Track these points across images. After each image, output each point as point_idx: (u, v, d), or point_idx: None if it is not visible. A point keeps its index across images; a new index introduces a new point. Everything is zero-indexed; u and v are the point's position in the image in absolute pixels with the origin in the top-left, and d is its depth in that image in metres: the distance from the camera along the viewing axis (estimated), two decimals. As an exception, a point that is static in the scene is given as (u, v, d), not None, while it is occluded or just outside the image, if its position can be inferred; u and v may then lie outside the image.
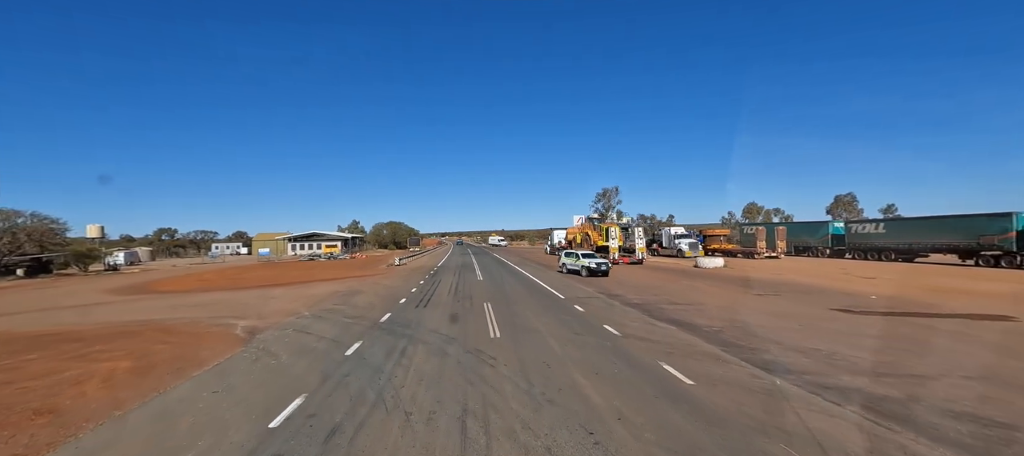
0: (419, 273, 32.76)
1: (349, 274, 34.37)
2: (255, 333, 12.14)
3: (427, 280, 26.88)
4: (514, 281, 25.74)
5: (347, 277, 31.39)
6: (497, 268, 36.55)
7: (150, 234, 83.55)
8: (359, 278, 30.05)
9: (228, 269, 46.11)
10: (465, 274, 30.83)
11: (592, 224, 45.61)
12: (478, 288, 22.13)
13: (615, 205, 61.08)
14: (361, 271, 37.73)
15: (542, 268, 35.39)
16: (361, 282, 26.68)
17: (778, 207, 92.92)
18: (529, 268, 35.74)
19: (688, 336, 10.95)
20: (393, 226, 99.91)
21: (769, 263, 37.09)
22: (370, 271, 37.44)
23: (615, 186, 61.72)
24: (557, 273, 30.51)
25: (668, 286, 22.23)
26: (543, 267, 36.34)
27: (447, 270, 35.04)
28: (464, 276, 29.35)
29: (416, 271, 35.17)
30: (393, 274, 32.81)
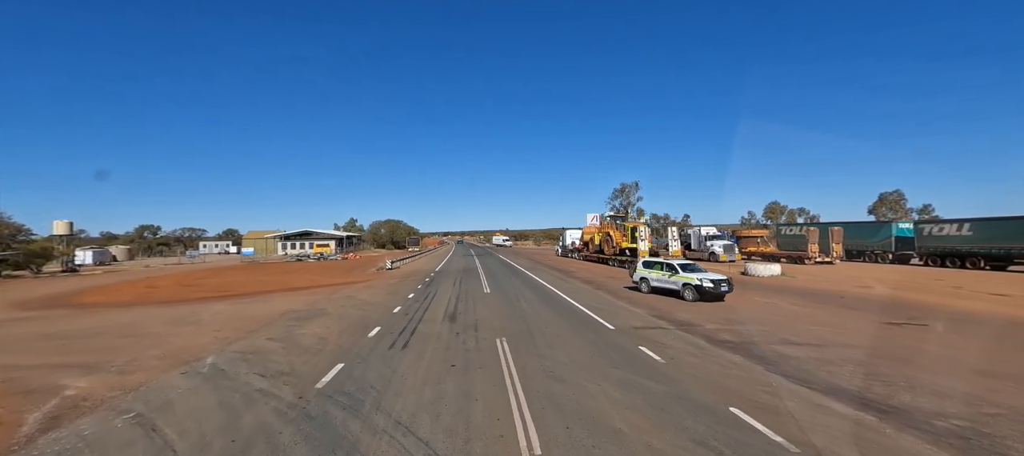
0: (412, 280, 26.92)
1: (329, 280, 28.58)
2: (46, 431, 6.25)
3: (418, 292, 21.03)
4: (533, 296, 19.72)
5: (323, 285, 25.59)
6: (506, 274, 30.63)
7: (131, 231, 78.11)
8: (336, 287, 24.25)
9: (197, 272, 40.40)
10: (467, 283, 24.93)
11: (614, 223, 39.67)
12: (486, 308, 16.19)
13: (635, 202, 55.25)
14: (345, 276, 31.94)
15: (561, 276, 29.47)
16: (335, 293, 20.88)
17: (803, 206, 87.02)
18: (546, 275, 29.80)
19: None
20: (391, 224, 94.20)
21: (831, 270, 31.02)
22: (355, 276, 31.64)
23: (635, 181, 55.96)
24: (581, 285, 24.57)
25: (743, 307, 16.24)
26: (561, 274, 30.45)
27: (446, 276, 29.21)
28: (466, 286, 23.45)
29: (409, 277, 29.34)
30: (380, 281, 26.97)
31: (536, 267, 36.69)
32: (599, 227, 43.68)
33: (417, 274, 31.57)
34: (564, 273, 30.45)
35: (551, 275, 29.31)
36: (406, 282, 25.96)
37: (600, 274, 29.63)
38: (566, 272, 31.18)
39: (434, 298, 18.55)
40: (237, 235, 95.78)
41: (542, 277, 27.96)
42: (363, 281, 27.74)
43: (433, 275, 30.25)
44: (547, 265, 38.97)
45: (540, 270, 33.47)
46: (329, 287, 24.57)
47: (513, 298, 18.63)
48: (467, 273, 31.42)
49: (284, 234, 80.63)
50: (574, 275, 28.76)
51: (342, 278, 30.48)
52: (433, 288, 22.55)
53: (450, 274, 31.02)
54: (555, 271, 32.18)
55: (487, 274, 30.44)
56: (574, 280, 25.84)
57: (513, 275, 29.73)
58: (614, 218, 40.81)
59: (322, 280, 29.05)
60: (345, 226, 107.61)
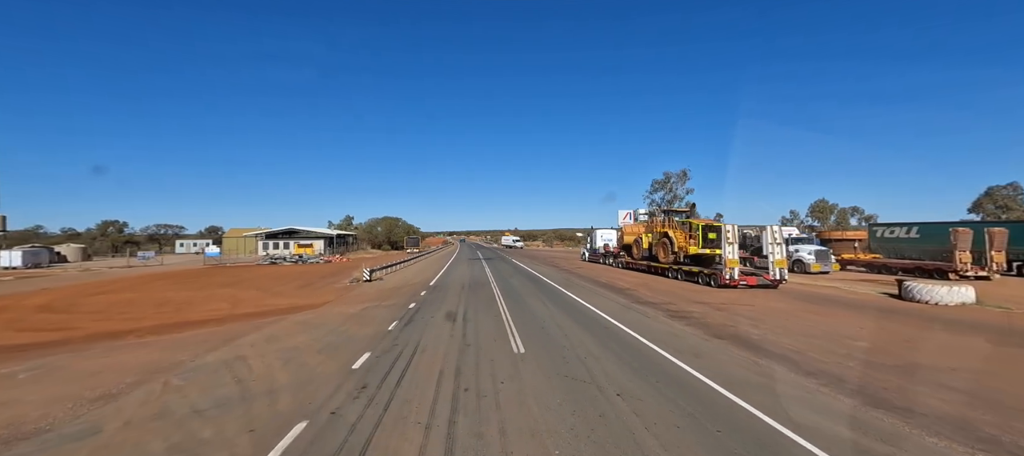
0: (390, 306, 17.01)
1: (271, 302, 18.84)
2: None
3: (390, 339, 11.04)
4: (648, 387, 9.50)
5: (248, 315, 15.82)
6: (535, 293, 20.60)
7: (94, 227, 69.11)
8: (266, 318, 14.39)
9: (118, 281, 30.82)
10: (479, 320, 14.78)
11: (671, 219, 29.52)
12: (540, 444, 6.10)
13: (683, 196, 44.93)
14: (299, 294, 22.16)
15: (632, 304, 19.42)
16: (242, 338, 10.96)
17: (856, 205, 76.58)
18: (600, 298, 19.73)
19: None
20: (388, 222, 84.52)
21: (1003, 291, 20.70)
22: (314, 294, 21.84)
23: (683, 169, 45.53)
24: (703, 337, 14.48)
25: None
26: (622, 297, 20.38)
27: (443, 299, 19.23)
28: (478, 329, 13.30)
29: (389, 297, 19.46)
30: (339, 309, 17.10)
31: (570, 279, 26.63)
32: (648, 225, 33.51)
33: (402, 292, 21.66)
34: (626, 294, 20.37)
35: (609, 299, 19.21)
36: (379, 310, 16.04)
37: (681, 296, 19.56)
38: (626, 292, 21.11)
39: (409, 374, 8.54)
40: (219, 233, 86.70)
41: (598, 303, 17.88)
42: (319, 304, 17.91)
43: (424, 296, 20.27)
44: (583, 275, 28.94)
45: (581, 286, 23.43)
46: (256, 318, 14.78)
47: (601, 401, 8.27)
48: (475, 292, 21.43)
49: (267, 232, 71.31)
50: (646, 299, 18.71)
51: (292, 298, 20.64)
52: (415, 334, 12.54)
53: (452, 290, 21.09)
54: (609, 290, 22.12)
55: (505, 294, 20.41)
56: (664, 312, 15.75)
57: (550, 299, 19.65)
58: (671, 213, 30.57)
59: (260, 301, 19.29)
60: (340, 224, 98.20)
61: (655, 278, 27.13)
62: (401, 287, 23.32)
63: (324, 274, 33.58)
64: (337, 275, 31.96)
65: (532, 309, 15.75)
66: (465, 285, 23.65)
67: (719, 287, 21.92)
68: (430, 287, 22.96)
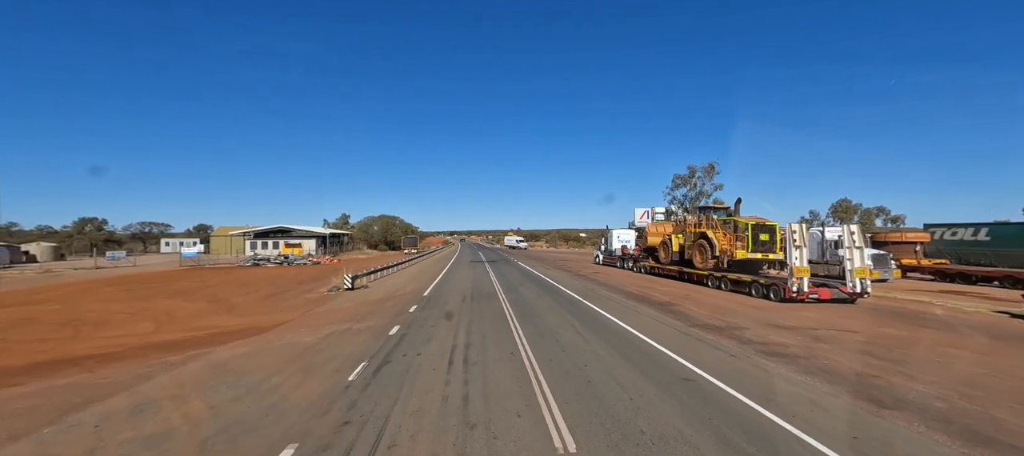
0: (367, 329, 12.65)
1: (209, 322, 14.48)
2: None
3: (339, 417, 6.65)
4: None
5: (157, 348, 11.45)
6: (557, 313, 16.16)
7: (69, 225, 64.80)
8: (169, 357, 10.04)
9: (58, 287, 26.49)
10: (490, 356, 10.35)
11: (709, 217, 25.09)
12: None
13: (711, 193, 40.37)
14: (263, 309, 17.82)
15: (687, 332, 14.99)
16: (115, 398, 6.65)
17: (881, 205, 72.20)
18: (642, 318, 15.32)
19: None
20: (385, 221, 79.96)
21: None
22: (277, 309, 17.49)
23: (710, 163, 40.90)
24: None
25: None
26: (668, 314, 15.99)
27: (440, 314, 14.82)
28: (490, 378, 8.87)
29: (372, 314, 15.08)
30: (300, 328, 12.74)
31: (592, 289, 22.25)
32: (678, 225, 29.09)
33: (386, 306, 17.27)
34: (671, 311, 16.00)
35: (654, 320, 14.81)
36: (347, 338, 11.64)
37: (744, 315, 15.16)
38: (670, 308, 16.73)
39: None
40: (208, 231, 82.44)
41: (643, 326, 13.50)
42: (271, 327, 13.55)
43: (414, 314, 15.88)
44: (606, 283, 24.54)
45: (610, 299, 19.04)
46: (167, 351, 10.42)
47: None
48: (479, 307, 17.04)
49: (255, 231, 66.97)
50: (702, 320, 14.34)
51: (244, 314, 16.28)
52: (388, 395, 8.13)
53: (451, 299, 16.68)
54: (647, 305, 17.73)
55: (518, 311, 16.02)
56: (744, 345, 11.35)
57: (579, 319, 15.22)
58: (709, 210, 26.09)
59: (199, 319, 14.93)
60: (335, 223, 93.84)
61: (693, 288, 22.71)
62: (387, 299, 18.94)
63: (304, 279, 29.21)
64: (318, 280, 27.61)
65: (560, 338, 11.33)
66: (466, 296, 19.27)
67: (782, 301, 17.58)
68: (423, 299, 18.59)
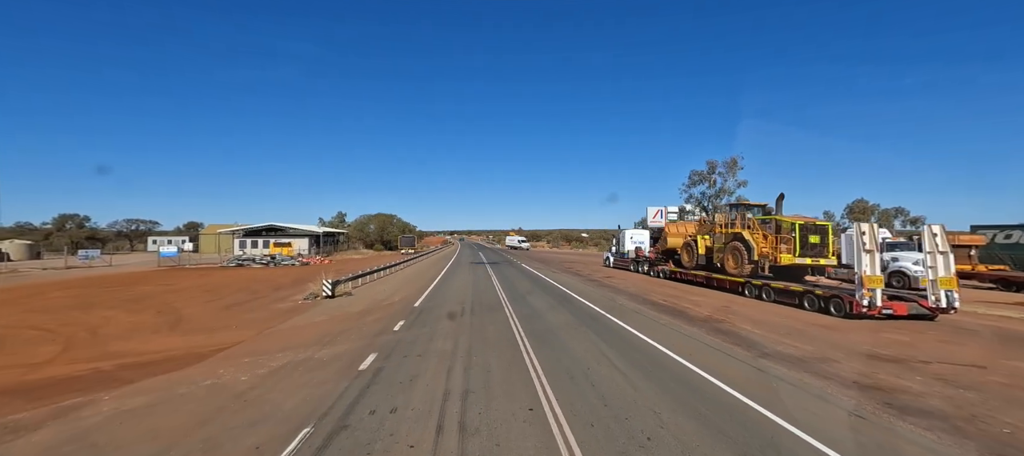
0: (334, 357, 9.57)
1: (134, 345, 11.38)
2: None
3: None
4: None
5: (29, 389, 8.31)
6: (591, 338, 13.03)
7: (49, 222, 61.68)
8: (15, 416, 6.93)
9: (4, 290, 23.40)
10: (498, 413, 7.23)
11: (742, 215, 21.96)
12: None
13: (734, 190, 37.08)
14: (215, 318, 14.70)
15: (755, 362, 11.79)
16: None
17: (900, 206, 69.18)
18: (716, 358, 12.19)
19: None
20: (381, 219, 76.68)
21: None
22: (232, 324, 14.38)
23: (732, 157, 37.67)
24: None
25: None
26: (734, 345, 12.86)
27: (432, 333, 11.71)
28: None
29: (347, 333, 12.01)
30: (248, 357, 9.64)
31: (612, 298, 19.16)
32: (703, 225, 25.99)
33: (367, 322, 14.16)
34: (723, 333, 12.93)
35: (705, 344, 11.72)
36: (302, 375, 8.53)
37: (816, 337, 12.04)
38: (717, 327, 13.66)
39: None
40: (197, 230, 79.41)
41: (695, 355, 10.39)
42: (211, 353, 10.43)
43: (399, 333, 12.76)
44: (626, 290, 21.43)
45: (638, 313, 15.96)
46: (39, 397, 7.26)
47: None
48: (481, 323, 13.98)
49: (245, 229, 63.96)
50: (770, 348, 11.21)
51: (186, 333, 13.16)
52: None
53: (441, 330, 13.55)
54: (685, 321, 14.66)
55: (529, 329, 12.96)
56: (851, 390, 8.17)
57: (610, 343, 12.05)
58: (744, 207, 22.89)
59: (123, 340, 11.83)
60: (331, 221, 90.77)
61: (729, 298, 19.61)
62: (371, 311, 15.82)
63: (284, 282, 26.09)
64: (299, 284, 24.50)
65: (594, 378, 8.18)
66: (466, 307, 16.16)
67: (847, 317, 14.50)
68: (414, 312, 15.48)
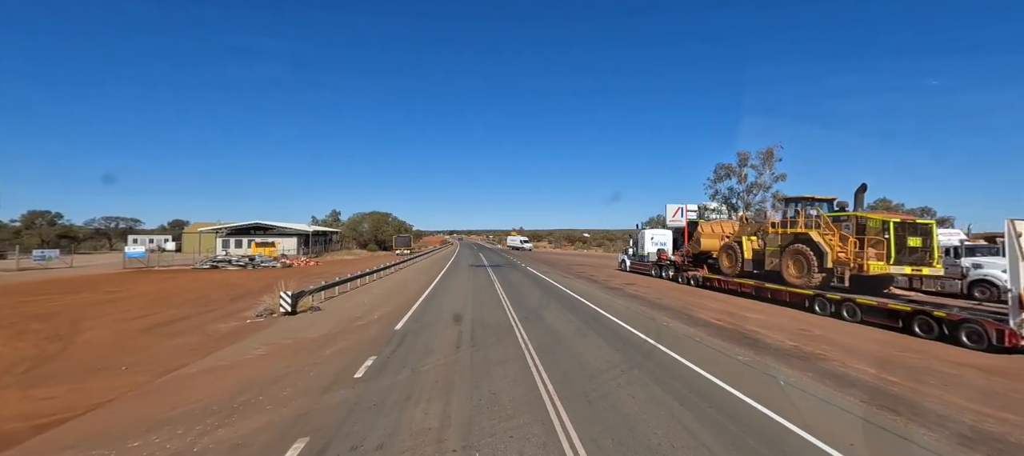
0: (244, 437, 5.46)
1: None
2: None
3: None
4: None
5: None
6: (643, 383, 8.86)
7: (18, 219, 57.57)
8: None
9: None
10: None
11: (803, 211, 17.78)
12: None
13: (770, 184, 32.79)
14: (111, 355, 10.52)
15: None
16: None
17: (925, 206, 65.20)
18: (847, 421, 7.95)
19: None
20: (376, 218, 72.36)
21: None
22: (142, 360, 10.20)
23: (768, 148, 33.30)
24: None
25: None
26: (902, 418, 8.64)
27: (413, 383, 7.64)
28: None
29: (285, 379, 7.91)
30: (101, 424, 5.51)
31: (653, 318, 15.09)
32: (750, 223, 21.87)
33: (325, 358, 10.04)
34: (843, 379, 8.73)
35: (845, 414, 7.49)
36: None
37: (1017, 401, 7.84)
38: (830, 369, 9.49)
39: None
40: (181, 228, 75.29)
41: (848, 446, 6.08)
42: (88, 409, 6.25)
43: (365, 378, 8.60)
44: (665, 305, 17.33)
45: (687, 339, 11.89)
46: None
47: None
48: (485, 363, 9.82)
49: (229, 228, 59.82)
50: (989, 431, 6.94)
51: (62, 380, 8.99)
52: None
53: (427, 372, 9.43)
54: (769, 355, 10.53)
55: (556, 374, 8.78)
56: None
57: (698, 416, 7.91)
58: (807, 201, 18.62)
59: None
60: (325, 220, 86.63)
61: (795, 315, 15.52)
62: (335, 337, 11.71)
63: (252, 290, 21.96)
64: (270, 292, 20.38)
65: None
66: (463, 333, 12.03)
67: (994, 350, 10.46)
68: (393, 339, 11.38)
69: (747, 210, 33.23)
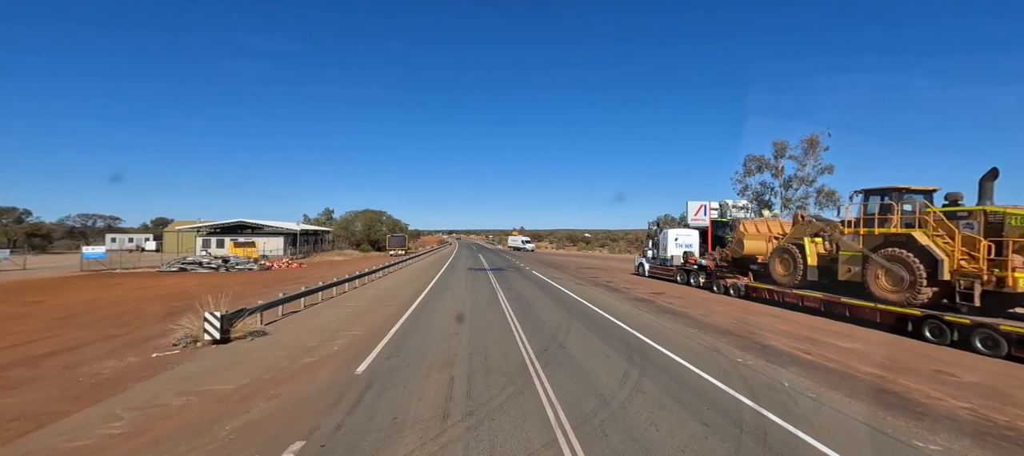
0: None
1: None
2: None
3: None
4: None
5: None
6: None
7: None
8: None
9: None
10: None
11: (897, 206, 13.88)
12: None
13: (814, 178, 28.60)
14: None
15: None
16: None
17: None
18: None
19: None
20: (369, 216, 68.13)
21: None
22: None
23: (812, 135, 28.97)
24: None
25: None
26: None
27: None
28: None
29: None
30: None
31: (714, 349, 11.18)
32: (808, 223, 17.87)
33: (220, 440, 6.02)
34: None
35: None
36: None
37: None
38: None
39: None
40: (165, 227, 71.27)
41: None
42: None
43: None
44: (714, 326, 13.42)
45: (794, 393, 7.88)
46: None
47: None
48: (490, 431, 5.73)
49: (210, 226, 55.83)
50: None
51: None
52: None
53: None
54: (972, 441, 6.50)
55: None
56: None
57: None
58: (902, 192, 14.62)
59: None
60: (318, 218, 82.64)
61: (896, 343, 11.64)
62: (261, 386, 7.76)
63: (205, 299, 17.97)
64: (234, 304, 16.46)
65: None
66: (456, 390, 8.08)
67: None
68: (349, 392, 7.50)
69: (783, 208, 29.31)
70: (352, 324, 13.26)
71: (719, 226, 38.52)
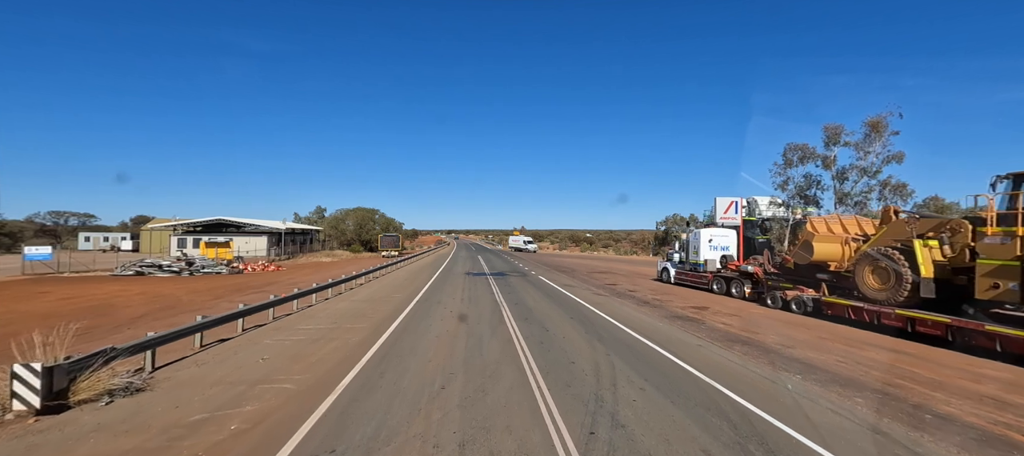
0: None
1: None
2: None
3: None
4: None
5: None
6: None
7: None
8: None
9: None
10: None
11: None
12: None
13: (880, 167, 24.21)
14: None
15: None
16: None
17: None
18: None
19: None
20: (361, 214, 63.61)
21: None
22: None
23: (878, 116, 24.29)
24: None
25: None
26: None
27: None
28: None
29: None
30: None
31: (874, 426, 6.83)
32: (918, 220, 13.63)
33: None
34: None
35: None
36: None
37: None
38: None
39: None
40: (140, 225, 66.98)
41: None
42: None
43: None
44: (814, 365, 9.20)
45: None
46: None
47: None
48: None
49: (186, 225, 51.63)
50: None
51: None
52: None
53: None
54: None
55: None
56: None
57: None
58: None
59: None
60: (307, 217, 78.37)
61: None
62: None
63: (135, 316, 13.72)
64: (160, 319, 12.27)
65: None
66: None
67: None
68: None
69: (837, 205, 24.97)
70: (289, 367, 8.99)
71: (749, 226, 34.37)
